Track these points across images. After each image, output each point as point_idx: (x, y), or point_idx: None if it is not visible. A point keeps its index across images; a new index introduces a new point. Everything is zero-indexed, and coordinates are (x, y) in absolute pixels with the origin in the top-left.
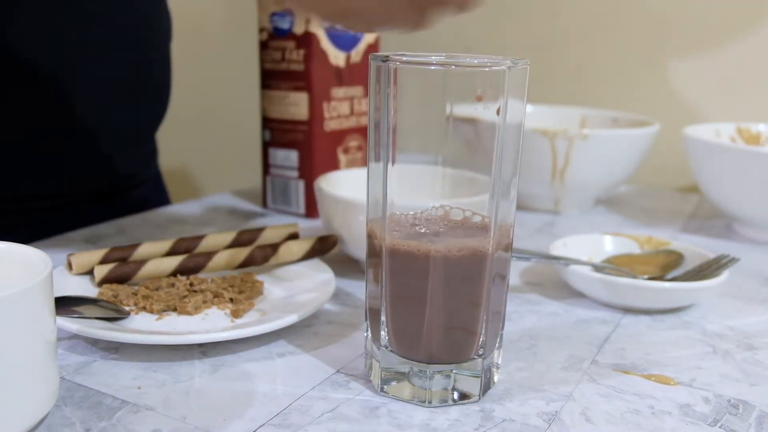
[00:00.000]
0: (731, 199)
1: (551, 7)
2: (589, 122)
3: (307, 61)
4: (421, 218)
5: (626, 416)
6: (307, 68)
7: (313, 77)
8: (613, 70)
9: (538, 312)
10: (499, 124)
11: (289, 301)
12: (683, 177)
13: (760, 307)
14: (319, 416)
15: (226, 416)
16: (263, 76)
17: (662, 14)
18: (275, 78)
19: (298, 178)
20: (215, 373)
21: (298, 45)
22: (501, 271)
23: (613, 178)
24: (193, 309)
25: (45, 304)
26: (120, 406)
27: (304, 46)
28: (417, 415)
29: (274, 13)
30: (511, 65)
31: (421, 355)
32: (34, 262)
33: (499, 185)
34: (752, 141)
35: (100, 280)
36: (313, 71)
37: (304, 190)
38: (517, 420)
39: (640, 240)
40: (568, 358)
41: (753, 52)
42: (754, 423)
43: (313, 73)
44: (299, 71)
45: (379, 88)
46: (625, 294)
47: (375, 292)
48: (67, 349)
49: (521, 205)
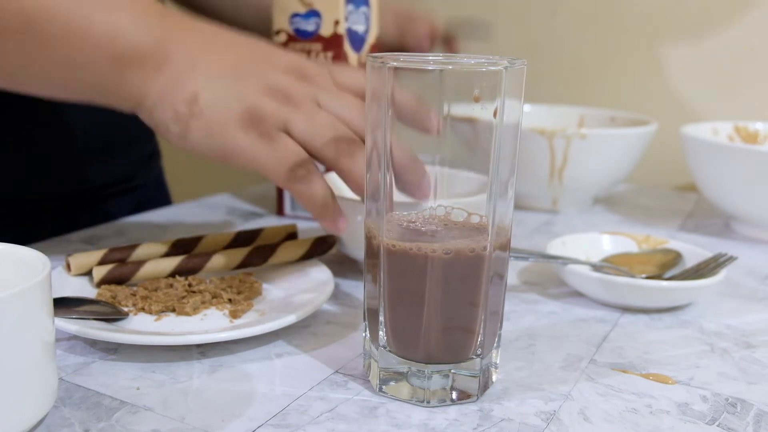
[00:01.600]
0: (729, 197)
1: (549, 7)
2: (586, 121)
3: (336, 64)
4: (419, 218)
5: (624, 415)
6: None
7: None
8: (611, 70)
9: (537, 311)
10: (497, 124)
11: (287, 302)
12: (681, 176)
13: (757, 305)
14: (318, 416)
15: (224, 416)
16: None
17: (659, 13)
18: None
19: None
20: (214, 373)
21: (326, 47)
22: (499, 271)
23: (611, 177)
24: (192, 309)
25: (43, 304)
26: (119, 407)
27: (332, 48)
28: (415, 414)
29: (295, 14)
30: (508, 65)
31: (419, 355)
32: (32, 263)
33: (497, 185)
34: (750, 139)
35: (99, 281)
36: None
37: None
38: (515, 419)
39: (638, 239)
40: (567, 358)
41: (751, 51)
42: (752, 421)
43: None
44: None
45: (376, 89)
46: (624, 293)
47: (373, 292)
48: (66, 350)
49: (519, 204)
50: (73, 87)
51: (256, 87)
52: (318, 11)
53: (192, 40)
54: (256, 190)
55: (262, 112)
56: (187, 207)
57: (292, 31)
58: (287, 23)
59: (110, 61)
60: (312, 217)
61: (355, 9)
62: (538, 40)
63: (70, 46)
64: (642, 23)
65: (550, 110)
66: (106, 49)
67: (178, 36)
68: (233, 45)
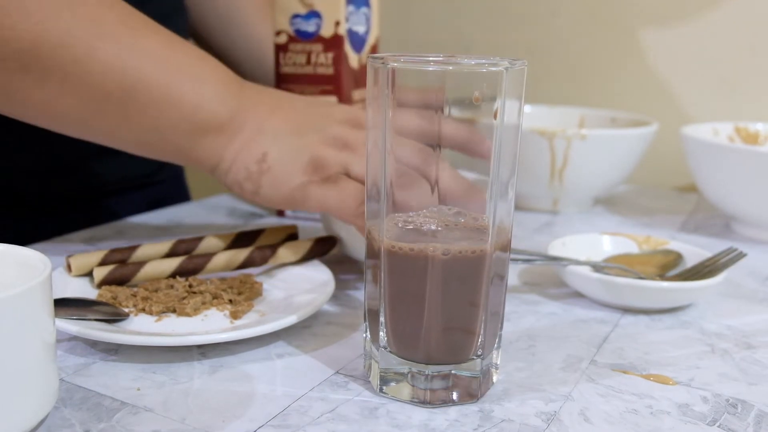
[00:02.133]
0: (729, 198)
1: (549, 8)
2: (587, 122)
3: (336, 64)
4: (420, 219)
5: (625, 416)
6: (336, 71)
7: (342, 80)
8: (611, 70)
9: (537, 312)
10: (497, 124)
11: (288, 302)
12: (681, 176)
13: (758, 306)
14: (318, 417)
15: (225, 417)
16: (280, 79)
17: (660, 13)
18: (297, 81)
19: None
20: (214, 374)
21: (326, 48)
22: (499, 272)
23: (611, 178)
24: (192, 310)
25: (44, 305)
26: (119, 408)
27: (333, 48)
28: (416, 415)
29: (295, 15)
30: (508, 66)
31: (420, 356)
32: (33, 263)
33: (498, 185)
34: (750, 140)
35: (100, 282)
36: (342, 74)
37: None
38: (515, 420)
39: (638, 240)
40: (567, 358)
41: (752, 51)
42: (753, 422)
43: (342, 76)
44: (328, 74)
45: (377, 90)
46: (624, 294)
47: (374, 292)
48: (67, 351)
49: (520, 205)
50: (158, 148)
51: (317, 139)
52: (318, 12)
53: (261, 108)
54: None
55: (324, 159)
56: (188, 207)
57: (292, 31)
58: (288, 24)
59: (193, 128)
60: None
61: (355, 10)
62: (538, 40)
63: (161, 112)
64: (643, 24)
65: (551, 111)
66: (191, 117)
67: (250, 106)
68: (294, 106)
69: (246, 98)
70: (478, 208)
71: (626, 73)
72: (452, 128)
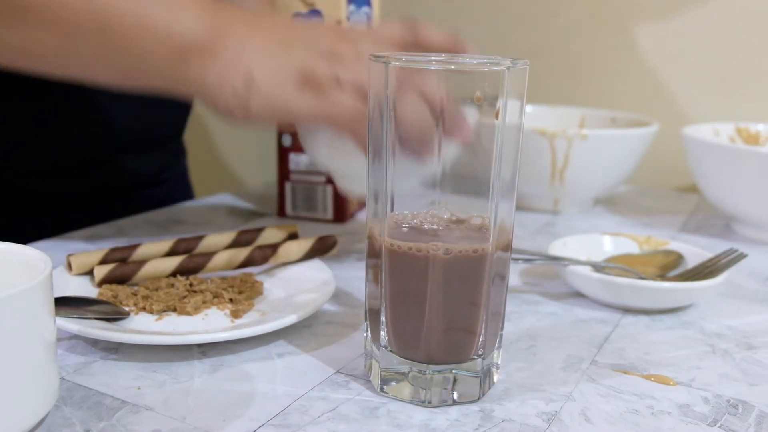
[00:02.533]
0: (730, 198)
1: (550, 8)
2: (588, 122)
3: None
4: (421, 218)
5: (625, 416)
6: None
7: None
8: (612, 70)
9: (538, 312)
10: (499, 124)
11: (288, 302)
12: (682, 177)
13: (758, 306)
14: (319, 416)
15: (225, 416)
16: None
17: (661, 14)
18: None
19: (326, 183)
20: (215, 373)
21: None
22: (500, 272)
23: (612, 178)
24: (193, 309)
25: (45, 304)
26: (120, 407)
27: None
28: (416, 415)
29: (296, 14)
30: (510, 66)
31: (420, 356)
32: (33, 262)
33: (499, 185)
34: (751, 141)
35: (100, 281)
36: None
37: (333, 195)
38: (516, 420)
39: (639, 240)
40: (568, 358)
41: (753, 52)
42: (754, 423)
43: None
44: None
45: (378, 89)
46: (625, 294)
47: (375, 292)
48: (67, 350)
49: (520, 205)
50: (139, 76)
51: (303, 53)
52: (319, 11)
53: (240, 28)
54: (257, 190)
55: (313, 71)
56: (188, 206)
57: None
58: None
59: (171, 52)
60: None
61: (356, 9)
62: (539, 40)
63: (138, 40)
64: (643, 24)
65: (552, 111)
66: (168, 42)
67: (229, 26)
68: (275, 25)
69: (224, 18)
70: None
71: (626, 73)
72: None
